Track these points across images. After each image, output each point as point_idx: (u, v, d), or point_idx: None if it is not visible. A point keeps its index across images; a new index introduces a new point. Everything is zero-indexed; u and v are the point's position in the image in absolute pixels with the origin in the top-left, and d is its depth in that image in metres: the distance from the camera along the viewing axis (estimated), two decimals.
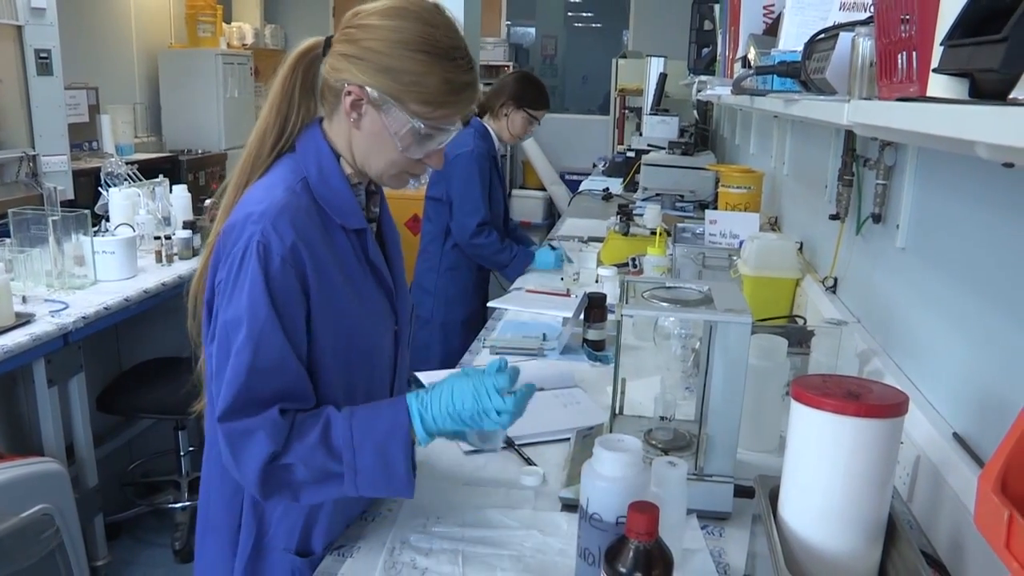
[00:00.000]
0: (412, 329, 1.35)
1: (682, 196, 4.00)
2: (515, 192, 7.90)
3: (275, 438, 1.03)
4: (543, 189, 7.67)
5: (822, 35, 1.28)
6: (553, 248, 3.00)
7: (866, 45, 1.08)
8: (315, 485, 1.07)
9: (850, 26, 1.17)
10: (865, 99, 1.04)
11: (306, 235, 1.07)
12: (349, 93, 1.08)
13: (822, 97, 1.25)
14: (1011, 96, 0.60)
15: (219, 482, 1.19)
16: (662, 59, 5.71)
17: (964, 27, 0.69)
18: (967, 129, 0.61)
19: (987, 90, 0.68)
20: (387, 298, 1.21)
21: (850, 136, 1.85)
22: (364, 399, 1.15)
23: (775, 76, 1.55)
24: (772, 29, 1.99)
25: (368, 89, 1.07)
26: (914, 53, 0.82)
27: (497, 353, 2.03)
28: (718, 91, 2.54)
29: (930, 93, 0.77)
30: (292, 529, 1.17)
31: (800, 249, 2.25)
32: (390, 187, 1.19)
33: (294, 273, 1.05)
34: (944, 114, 0.67)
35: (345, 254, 1.13)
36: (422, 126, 1.08)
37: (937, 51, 0.76)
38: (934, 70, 0.75)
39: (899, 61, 0.88)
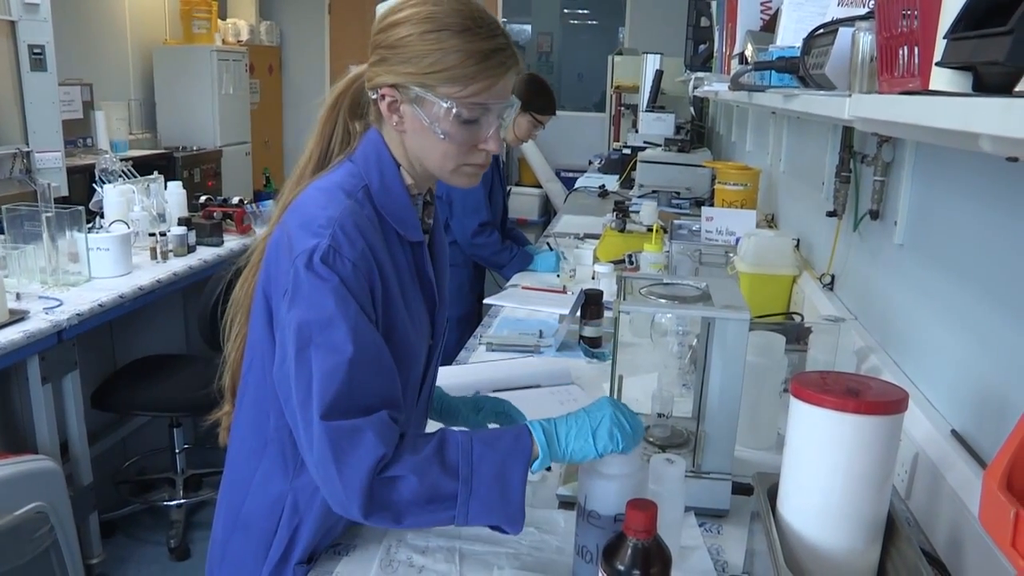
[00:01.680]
0: (443, 343, 1.31)
1: (678, 193, 4.00)
2: (511, 189, 7.88)
3: (386, 440, 0.97)
4: (539, 186, 7.65)
5: (821, 30, 1.27)
6: (551, 249, 2.99)
7: (866, 40, 1.08)
8: (422, 506, 0.99)
9: (849, 21, 1.16)
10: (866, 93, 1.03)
11: (372, 243, 1.05)
12: (383, 97, 1.08)
13: (822, 92, 1.24)
14: (1017, 89, 0.59)
15: (259, 482, 1.15)
16: (658, 56, 5.69)
17: (968, 20, 0.69)
18: (973, 122, 0.60)
19: (991, 83, 0.68)
20: (430, 312, 1.19)
21: (847, 132, 1.84)
22: None
23: (773, 72, 1.54)
24: (769, 25, 1.99)
25: (398, 88, 1.06)
26: (916, 47, 0.81)
27: (494, 350, 2.03)
28: (715, 87, 2.53)
29: (932, 87, 0.77)
30: (311, 541, 1.14)
31: (797, 246, 2.25)
32: (458, 185, 1.15)
33: (365, 279, 1.03)
34: (949, 107, 0.66)
35: (401, 266, 1.12)
36: (455, 106, 1.05)
37: (939, 45, 0.75)
38: (937, 64, 0.74)
39: (900, 55, 0.87)
